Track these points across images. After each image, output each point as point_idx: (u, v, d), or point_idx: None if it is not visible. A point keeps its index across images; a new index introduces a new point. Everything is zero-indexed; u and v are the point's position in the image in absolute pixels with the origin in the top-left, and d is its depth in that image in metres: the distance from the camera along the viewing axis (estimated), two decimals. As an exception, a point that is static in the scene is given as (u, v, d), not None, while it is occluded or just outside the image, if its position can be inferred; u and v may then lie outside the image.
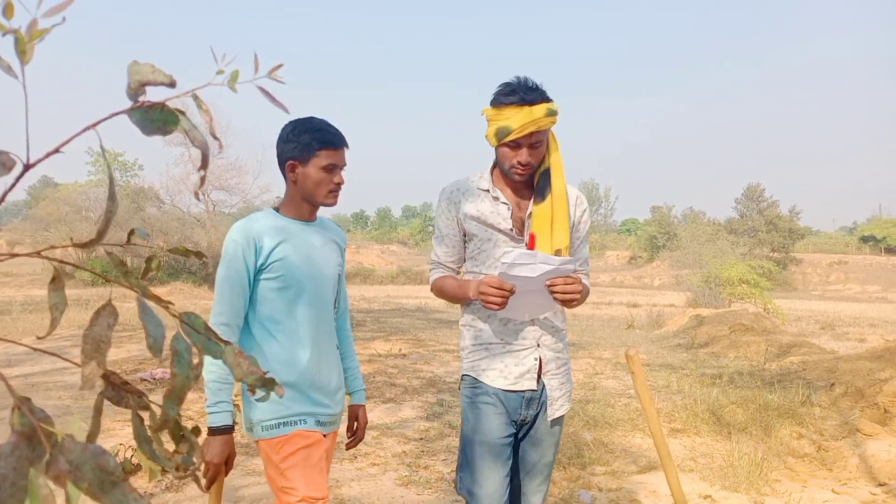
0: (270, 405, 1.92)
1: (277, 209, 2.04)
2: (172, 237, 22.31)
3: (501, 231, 2.08)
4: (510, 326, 2.08)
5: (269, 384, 0.64)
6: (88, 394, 5.97)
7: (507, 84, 2.00)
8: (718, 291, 18.10)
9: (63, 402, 5.75)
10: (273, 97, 0.68)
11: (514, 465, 2.15)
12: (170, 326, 0.59)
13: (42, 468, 0.47)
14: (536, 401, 2.08)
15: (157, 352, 0.60)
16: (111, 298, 0.59)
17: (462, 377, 2.16)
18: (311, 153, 1.93)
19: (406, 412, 5.70)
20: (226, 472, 1.91)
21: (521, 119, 1.93)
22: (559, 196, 2.05)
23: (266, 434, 1.92)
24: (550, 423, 2.12)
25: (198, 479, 0.73)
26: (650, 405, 2.12)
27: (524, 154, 1.98)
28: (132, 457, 4.00)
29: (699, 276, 20.04)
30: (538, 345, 2.09)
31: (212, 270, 21.99)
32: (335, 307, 2.15)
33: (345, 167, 2.00)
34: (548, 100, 1.97)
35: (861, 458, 4.36)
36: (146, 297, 0.68)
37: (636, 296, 28.29)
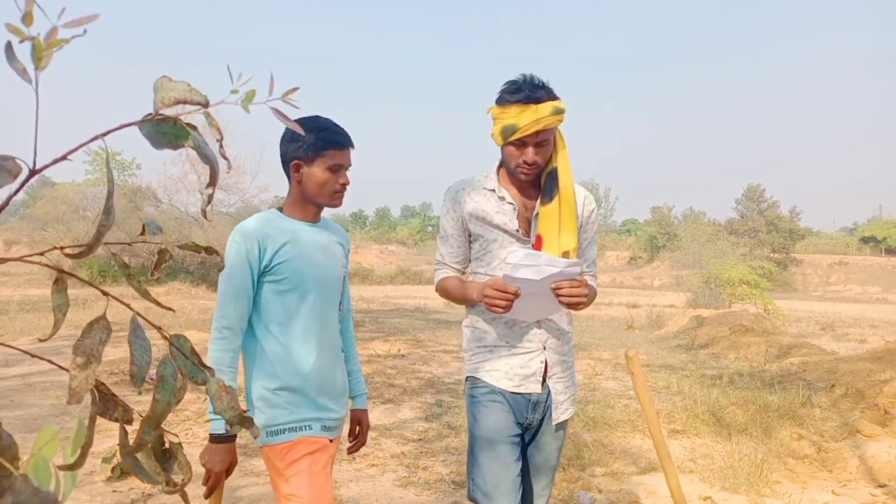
0: (275, 410, 1.86)
1: (281, 209, 1.98)
2: (170, 236, 22.26)
3: (507, 232, 2.03)
4: (516, 329, 2.03)
5: (247, 423, 0.64)
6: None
7: (513, 82, 1.94)
8: (719, 292, 18.07)
9: (60, 402, 5.73)
10: (287, 119, 0.68)
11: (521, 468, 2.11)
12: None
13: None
14: (542, 404, 2.04)
15: (139, 381, 0.59)
16: (105, 312, 0.58)
17: (466, 379, 2.11)
18: (317, 153, 1.87)
19: (405, 413, 5.68)
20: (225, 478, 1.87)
21: (527, 117, 1.87)
22: (567, 196, 1.99)
23: (270, 440, 1.87)
24: (555, 427, 2.08)
25: (185, 496, 0.72)
26: (650, 406, 2.10)
27: (530, 153, 1.93)
28: (129, 457, 3.99)
29: (699, 277, 20.00)
30: (544, 347, 2.04)
31: (210, 270, 21.99)
32: (339, 309, 2.10)
33: (350, 167, 1.95)
34: (554, 98, 1.92)
35: (861, 460, 4.34)
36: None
37: (636, 296, 28.28)
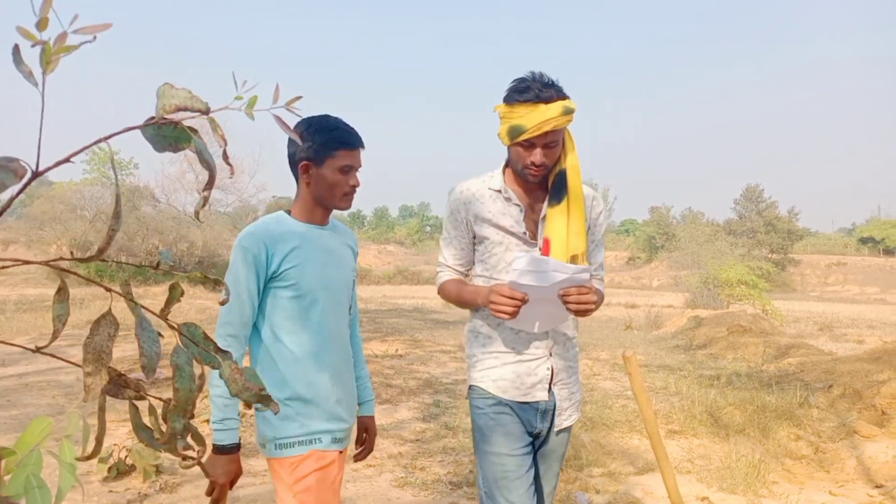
0: (284, 422, 1.80)
1: (289, 212, 1.91)
2: (168, 236, 22.22)
3: (514, 234, 1.96)
4: (522, 335, 1.97)
5: (266, 400, 0.64)
6: (81, 393, 5.94)
7: (521, 80, 1.86)
8: (717, 292, 18.08)
9: (57, 402, 5.72)
10: (289, 127, 0.69)
11: None
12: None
13: None
14: (550, 412, 1.98)
15: (151, 371, 0.59)
16: (111, 308, 0.59)
17: (470, 388, 2.03)
18: (327, 154, 1.80)
19: (402, 413, 5.67)
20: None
21: (536, 117, 1.80)
22: (576, 198, 1.92)
23: (279, 453, 1.80)
24: (557, 434, 2.02)
25: (203, 467, 0.72)
26: (647, 407, 2.10)
27: (538, 154, 1.86)
28: (126, 457, 3.98)
29: (697, 277, 20.00)
30: (550, 354, 1.98)
31: (208, 270, 21.96)
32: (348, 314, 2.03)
33: (360, 169, 1.88)
34: (564, 97, 1.84)
35: (858, 460, 4.34)
36: (143, 311, 0.67)
37: (634, 296, 28.28)
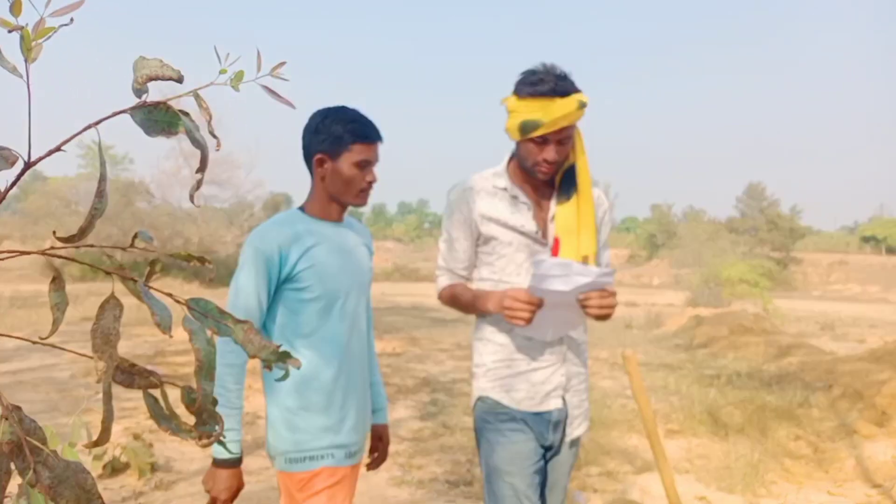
0: (297, 434, 1.71)
1: (303, 208, 1.81)
2: (163, 232, 22.09)
3: (524, 234, 1.87)
4: (535, 341, 1.87)
5: (284, 357, 0.63)
6: (75, 389, 5.93)
7: (534, 72, 1.76)
8: (718, 291, 18.05)
9: (51, 399, 5.70)
10: (278, 94, 0.68)
11: None
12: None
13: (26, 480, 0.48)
14: (561, 422, 1.90)
15: (167, 327, 0.59)
16: (114, 291, 0.58)
17: (478, 399, 1.92)
18: (343, 147, 1.71)
19: (400, 412, 5.65)
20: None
21: (553, 112, 1.70)
22: (586, 196, 1.84)
23: (289, 467, 1.72)
24: (569, 444, 1.94)
25: (223, 443, 0.71)
26: (646, 406, 2.07)
27: (551, 151, 1.77)
28: (121, 455, 3.95)
29: (699, 276, 19.99)
30: (564, 360, 1.90)
31: (204, 266, 21.93)
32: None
33: (377, 164, 1.79)
34: (577, 90, 1.75)
35: (857, 460, 4.32)
36: (141, 300, 0.67)
37: (635, 295, 28.20)
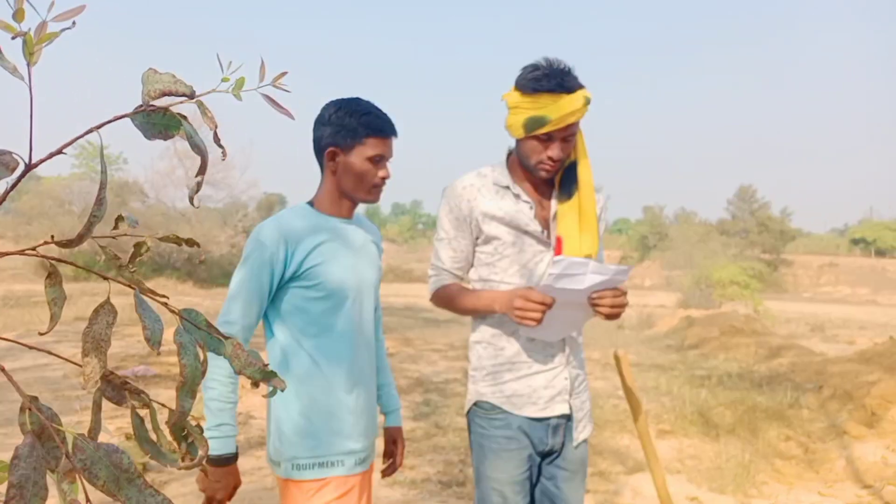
0: (304, 440, 1.64)
1: (312, 203, 1.74)
2: (157, 232, 22.09)
3: (528, 233, 1.80)
4: (537, 343, 1.81)
5: (271, 375, 0.64)
6: (68, 389, 5.89)
7: (538, 67, 1.70)
8: (709, 292, 18.13)
9: (43, 398, 5.61)
10: (278, 104, 0.70)
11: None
12: (167, 322, 0.57)
13: (60, 468, 0.48)
14: (562, 426, 1.85)
15: (156, 343, 0.59)
16: (109, 297, 0.59)
17: (475, 405, 1.86)
18: (356, 140, 1.64)
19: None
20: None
21: (561, 109, 1.65)
22: (587, 193, 1.79)
23: (297, 474, 1.64)
24: (579, 452, 1.88)
25: (205, 470, 0.71)
26: (638, 406, 2.07)
27: (556, 148, 1.72)
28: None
29: (690, 277, 20.06)
30: (567, 362, 1.83)
31: (197, 267, 21.88)
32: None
33: (391, 159, 1.72)
34: (582, 86, 1.70)
35: (847, 461, 4.35)
36: (142, 292, 0.67)
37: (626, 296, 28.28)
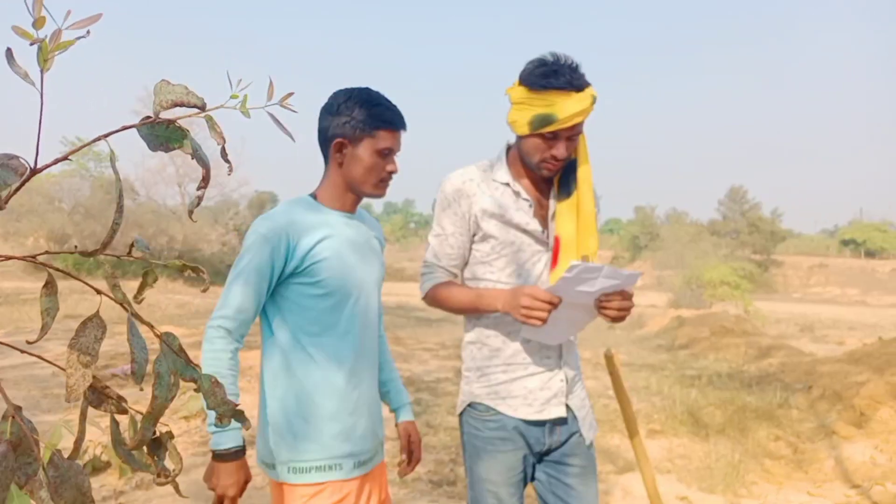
0: (301, 442, 1.59)
1: (314, 196, 1.68)
2: (147, 230, 22.08)
3: (527, 232, 1.77)
4: (532, 343, 1.78)
5: (241, 416, 0.64)
6: (57, 388, 5.85)
7: (545, 62, 1.65)
8: (700, 293, 18.23)
9: (32, 396, 5.63)
10: (282, 125, 0.70)
11: None
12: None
13: (23, 479, 0.49)
14: (558, 427, 1.80)
15: (140, 378, 0.61)
16: (98, 311, 0.59)
17: (469, 406, 1.82)
18: (365, 132, 1.60)
19: (383, 411, 5.63)
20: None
21: (571, 107, 1.61)
22: (586, 191, 1.75)
23: (292, 478, 1.58)
24: (587, 454, 1.83)
25: (177, 486, 0.71)
26: (628, 406, 2.08)
27: (562, 147, 1.67)
28: (101, 454, 3.91)
29: (681, 277, 20.15)
30: (562, 364, 1.79)
31: (188, 261, 21.91)
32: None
33: (399, 153, 1.68)
34: (589, 84, 1.66)
35: (837, 461, 4.37)
36: (133, 317, 0.67)
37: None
